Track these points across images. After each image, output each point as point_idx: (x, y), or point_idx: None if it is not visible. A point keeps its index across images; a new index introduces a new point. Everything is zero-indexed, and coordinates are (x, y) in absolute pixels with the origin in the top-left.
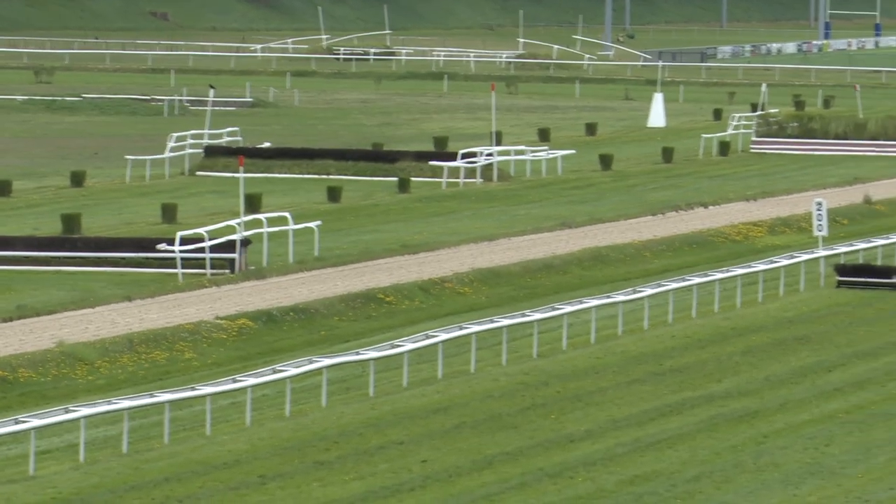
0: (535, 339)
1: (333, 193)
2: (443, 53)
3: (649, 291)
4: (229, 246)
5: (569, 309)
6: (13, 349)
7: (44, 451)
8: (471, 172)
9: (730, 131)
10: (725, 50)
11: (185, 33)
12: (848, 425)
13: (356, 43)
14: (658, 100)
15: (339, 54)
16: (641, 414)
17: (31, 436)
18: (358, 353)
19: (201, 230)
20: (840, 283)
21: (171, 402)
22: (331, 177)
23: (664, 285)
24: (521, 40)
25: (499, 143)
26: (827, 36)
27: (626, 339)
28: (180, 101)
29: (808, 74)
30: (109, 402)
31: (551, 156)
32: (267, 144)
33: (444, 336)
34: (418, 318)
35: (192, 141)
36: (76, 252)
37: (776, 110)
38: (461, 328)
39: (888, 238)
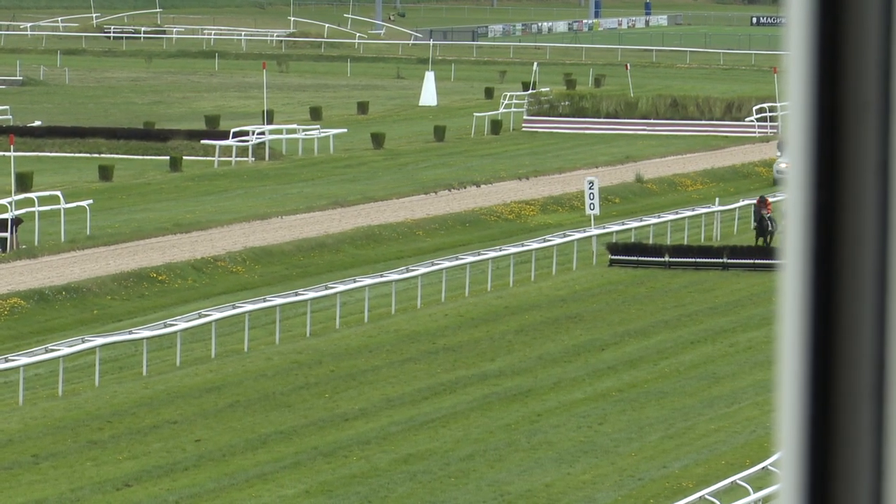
0: (308, 318)
1: (105, 172)
2: (214, 32)
3: (422, 270)
4: (0, 225)
5: (342, 288)
6: None
7: None
8: (243, 151)
9: (501, 110)
10: (496, 28)
11: None
12: (621, 404)
13: (127, 21)
14: (429, 78)
15: (109, 33)
16: (415, 393)
17: None
18: (131, 333)
19: None
20: (612, 262)
21: None
22: (102, 155)
23: (437, 264)
24: (293, 18)
25: (270, 121)
26: (597, 15)
27: (400, 318)
28: None
29: (579, 53)
30: None
31: (323, 134)
32: (37, 123)
33: (217, 315)
34: (191, 297)
35: None
36: None
37: (547, 89)
38: (234, 307)
39: (659, 217)
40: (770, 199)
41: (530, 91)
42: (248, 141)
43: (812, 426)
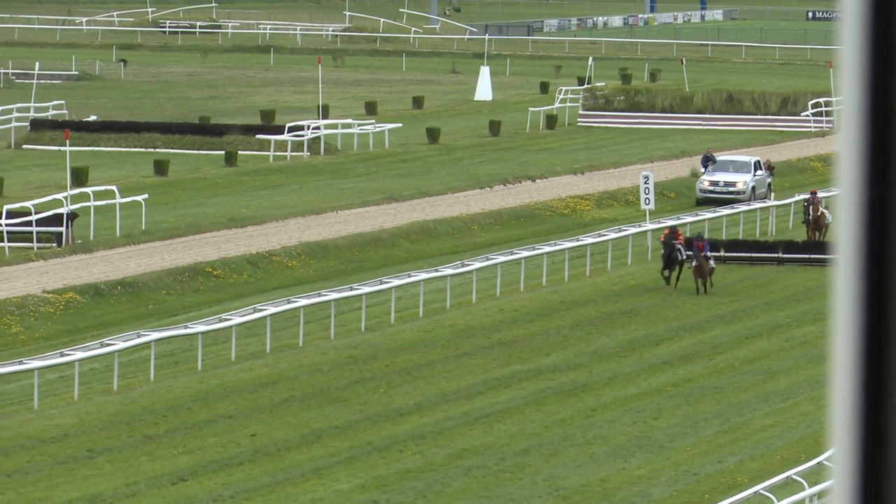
0: (363, 313)
1: (160, 167)
2: (269, 26)
3: (477, 265)
4: (56, 219)
5: (397, 282)
6: None
7: None
8: (298, 146)
9: (557, 105)
10: (552, 23)
11: (10, 5)
12: (676, 398)
13: (182, 16)
14: (485, 73)
15: (164, 27)
16: (470, 387)
17: None
18: (186, 327)
19: (27, 204)
20: None
21: None
22: (157, 150)
23: (492, 259)
24: (348, 13)
25: (326, 116)
26: (653, 9)
27: (455, 313)
28: (5, 73)
29: (635, 48)
30: None
31: (378, 129)
32: (93, 118)
33: (272, 310)
34: (246, 292)
35: (17, 114)
36: None
37: (603, 84)
38: (289, 302)
39: (714, 211)
40: (681, 231)
41: (585, 86)
42: (303, 136)
43: (866, 421)
